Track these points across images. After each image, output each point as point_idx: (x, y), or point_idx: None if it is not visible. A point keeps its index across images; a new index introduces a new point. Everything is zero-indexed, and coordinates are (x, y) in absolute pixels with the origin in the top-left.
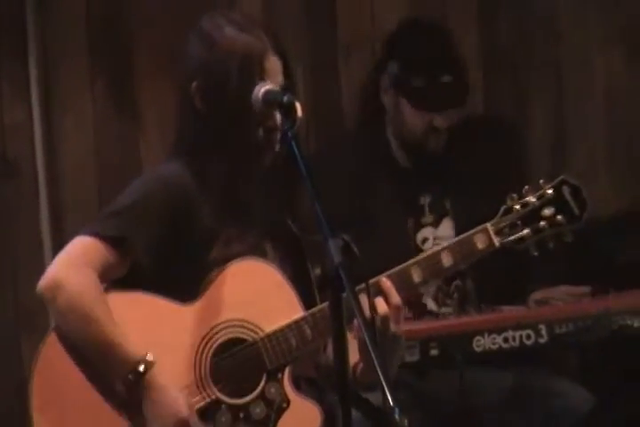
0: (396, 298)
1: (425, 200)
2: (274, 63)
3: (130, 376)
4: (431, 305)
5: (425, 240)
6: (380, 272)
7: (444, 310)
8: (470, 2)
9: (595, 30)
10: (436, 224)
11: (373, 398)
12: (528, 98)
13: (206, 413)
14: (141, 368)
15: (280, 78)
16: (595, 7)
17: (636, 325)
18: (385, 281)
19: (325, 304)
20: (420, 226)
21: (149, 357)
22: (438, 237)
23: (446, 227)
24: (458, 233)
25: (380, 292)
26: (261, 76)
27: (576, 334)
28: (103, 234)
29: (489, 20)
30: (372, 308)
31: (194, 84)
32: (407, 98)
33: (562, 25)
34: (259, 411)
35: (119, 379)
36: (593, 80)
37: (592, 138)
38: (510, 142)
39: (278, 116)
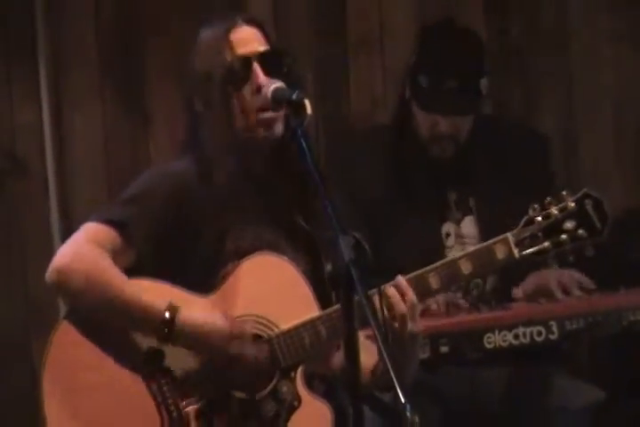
0: (410, 296)
1: (452, 196)
2: (243, 32)
3: (164, 329)
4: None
5: (448, 235)
6: (406, 261)
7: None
8: (479, 1)
9: (605, 30)
10: (458, 222)
11: (388, 396)
12: (537, 98)
13: (217, 407)
14: (167, 315)
15: (258, 45)
16: (605, 7)
17: None
18: (400, 279)
19: None
20: (444, 220)
21: (173, 302)
22: (460, 235)
23: (468, 225)
24: (481, 230)
25: (396, 290)
26: (230, 48)
27: (586, 330)
28: (107, 219)
29: (497, 19)
30: (383, 307)
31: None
32: (413, 95)
33: (572, 24)
34: (269, 408)
35: (153, 334)
36: (602, 80)
37: (602, 138)
38: (538, 152)
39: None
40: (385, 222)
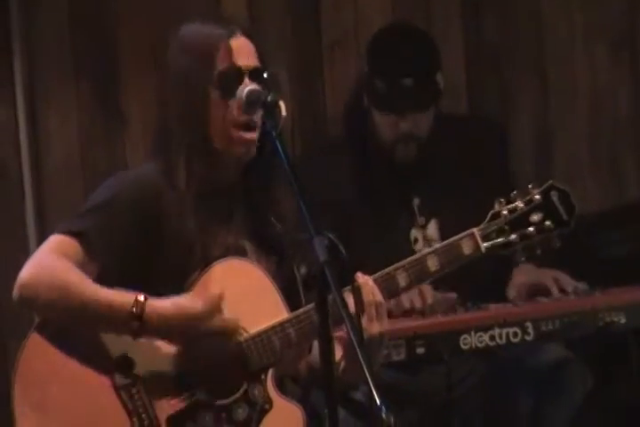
0: (377, 295)
1: (416, 201)
2: (242, 42)
3: (134, 324)
4: None
5: (416, 241)
6: (375, 271)
7: None
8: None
9: (579, 28)
10: (424, 226)
11: (360, 396)
12: (512, 96)
13: (189, 412)
14: (135, 309)
15: (252, 59)
16: (579, 4)
17: (622, 321)
18: (367, 279)
19: (310, 306)
20: (411, 226)
21: (140, 297)
22: (428, 238)
23: (433, 227)
24: (442, 234)
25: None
26: (228, 55)
27: (562, 331)
28: (69, 230)
29: (473, 17)
30: (358, 307)
31: (169, 85)
32: (370, 100)
33: (546, 22)
34: (241, 412)
35: (126, 330)
36: (577, 78)
37: (576, 136)
38: (496, 143)
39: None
40: (353, 232)
